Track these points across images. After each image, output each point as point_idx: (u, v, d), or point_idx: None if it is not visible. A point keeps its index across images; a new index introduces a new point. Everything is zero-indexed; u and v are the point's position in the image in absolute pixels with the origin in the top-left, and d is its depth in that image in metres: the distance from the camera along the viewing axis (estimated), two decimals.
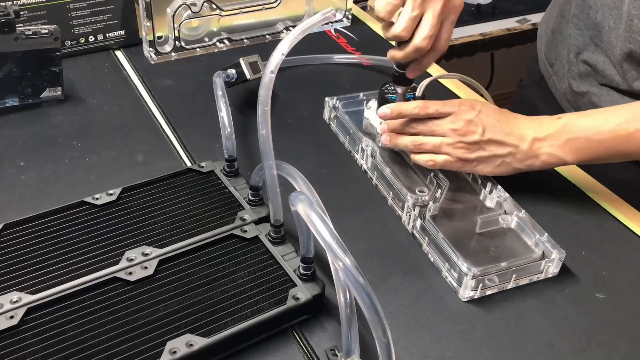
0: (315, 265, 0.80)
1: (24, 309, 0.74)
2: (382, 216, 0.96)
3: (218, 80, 1.02)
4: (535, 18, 1.89)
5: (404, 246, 0.91)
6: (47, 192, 0.96)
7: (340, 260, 0.62)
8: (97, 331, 0.72)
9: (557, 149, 0.92)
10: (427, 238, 0.90)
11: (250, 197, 0.91)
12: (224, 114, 0.95)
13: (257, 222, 0.88)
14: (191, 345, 0.71)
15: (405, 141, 0.97)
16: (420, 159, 0.96)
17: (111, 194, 0.90)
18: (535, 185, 1.02)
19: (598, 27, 1.07)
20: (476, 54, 1.75)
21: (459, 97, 1.24)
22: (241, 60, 1.12)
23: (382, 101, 1.04)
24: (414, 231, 0.92)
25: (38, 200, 0.93)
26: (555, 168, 1.06)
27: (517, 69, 1.40)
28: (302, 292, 0.78)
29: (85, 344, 0.71)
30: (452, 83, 1.28)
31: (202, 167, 0.97)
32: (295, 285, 0.79)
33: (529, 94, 1.34)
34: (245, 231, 0.86)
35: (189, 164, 1.03)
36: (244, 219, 0.88)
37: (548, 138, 0.92)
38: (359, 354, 0.67)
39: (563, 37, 1.18)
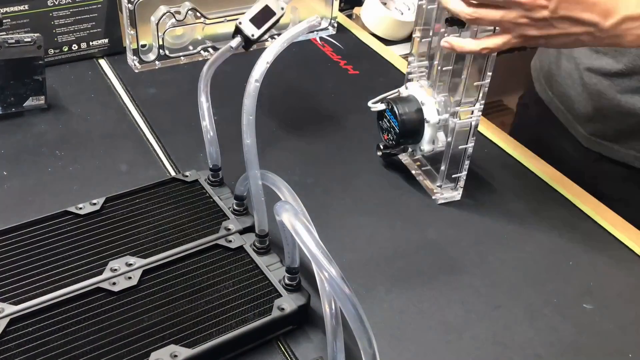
0: (301, 276, 0.79)
1: (6, 320, 0.73)
2: (368, 226, 0.96)
3: (202, 85, 1.00)
4: None
5: (390, 256, 0.91)
6: (30, 202, 0.95)
7: (325, 271, 0.61)
8: (81, 342, 0.72)
9: None
10: None
11: (235, 207, 0.90)
12: (206, 114, 0.95)
13: (242, 232, 0.88)
14: (175, 356, 0.70)
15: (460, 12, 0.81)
16: (473, 47, 0.82)
17: (95, 204, 0.90)
18: (523, 195, 1.03)
19: None
20: None
21: None
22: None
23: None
24: None
25: (21, 210, 0.92)
26: (542, 177, 1.06)
27: (504, 77, 1.40)
28: (287, 303, 0.77)
29: (69, 354, 0.70)
30: None
31: (187, 176, 0.96)
32: (280, 295, 0.78)
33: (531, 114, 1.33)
34: (230, 241, 0.85)
35: (173, 173, 1.02)
36: (229, 229, 0.87)
37: None
38: None
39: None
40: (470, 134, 0.94)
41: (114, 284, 0.78)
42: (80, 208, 0.89)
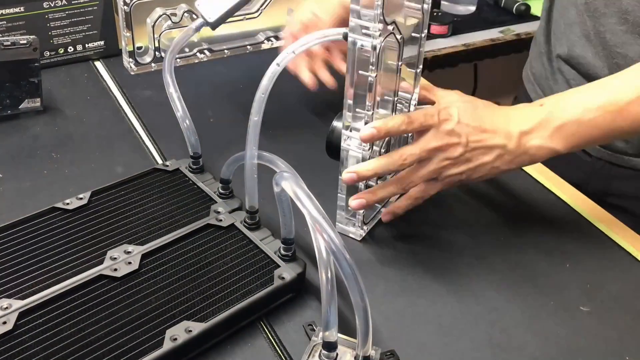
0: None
1: (16, 314, 0.73)
2: None
3: (168, 75, 0.99)
4: (519, 28, 1.90)
5: (386, 258, 0.90)
6: (26, 205, 0.94)
7: (325, 233, 0.63)
8: (95, 327, 0.72)
9: (547, 139, 0.83)
10: None
11: (221, 190, 0.92)
12: (178, 105, 0.97)
13: (230, 212, 0.89)
14: (190, 331, 0.72)
15: (390, 190, 0.86)
16: (405, 204, 0.89)
17: (81, 198, 0.90)
18: (519, 198, 1.02)
19: None
20: (459, 64, 1.75)
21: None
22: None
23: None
24: None
25: (17, 213, 0.90)
26: (539, 180, 1.05)
27: (500, 79, 1.40)
28: (287, 272, 0.79)
29: (86, 339, 0.71)
30: None
31: (167, 165, 0.98)
32: (278, 266, 0.81)
33: None
34: (221, 220, 0.87)
35: None
36: (218, 211, 0.89)
37: (535, 129, 0.83)
38: (337, 328, 0.67)
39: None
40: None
41: (116, 270, 0.78)
42: (68, 203, 0.89)
